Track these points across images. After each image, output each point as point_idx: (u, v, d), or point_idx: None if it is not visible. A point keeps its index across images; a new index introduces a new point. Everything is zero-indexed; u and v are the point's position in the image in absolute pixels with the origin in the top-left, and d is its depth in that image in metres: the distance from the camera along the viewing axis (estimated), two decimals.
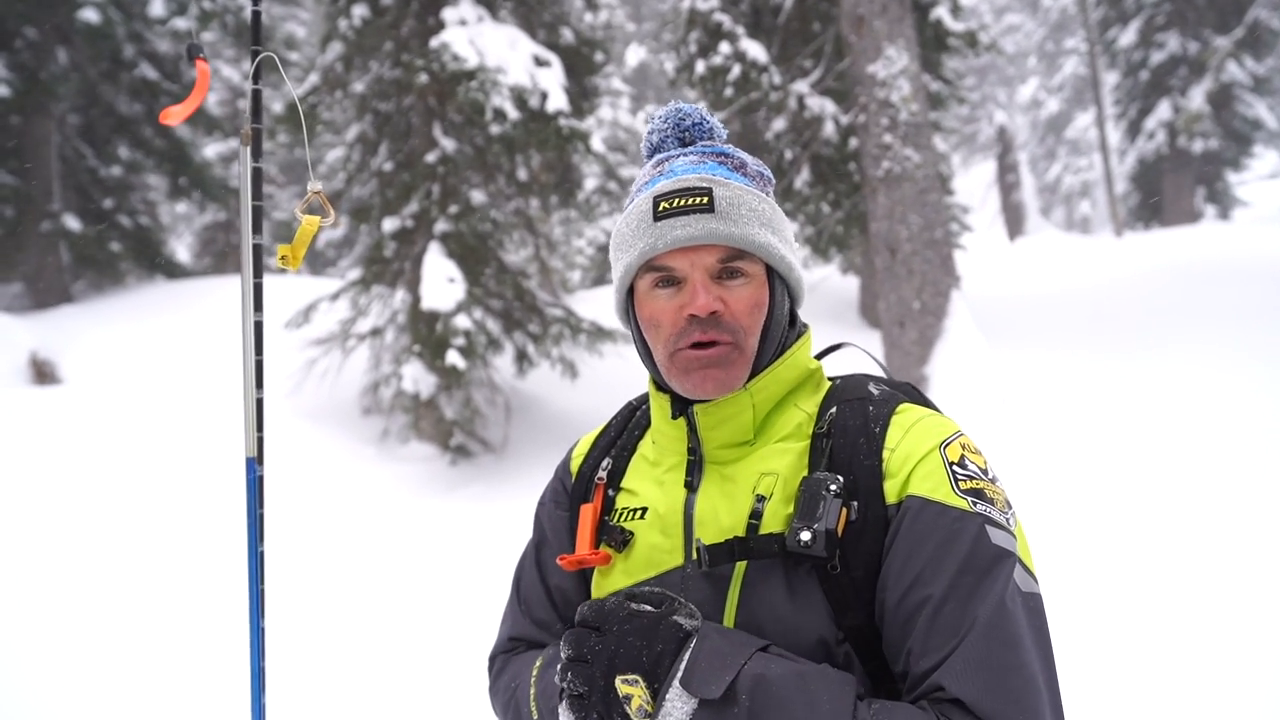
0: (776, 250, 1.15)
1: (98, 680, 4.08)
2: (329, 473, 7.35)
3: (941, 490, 1.04)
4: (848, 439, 1.10)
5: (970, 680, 0.96)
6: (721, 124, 1.28)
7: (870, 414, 1.13)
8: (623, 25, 22.25)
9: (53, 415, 7.30)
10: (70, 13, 10.94)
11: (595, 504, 1.25)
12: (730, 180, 1.16)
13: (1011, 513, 1.07)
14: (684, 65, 9.64)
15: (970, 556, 1.00)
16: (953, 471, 1.05)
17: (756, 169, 1.23)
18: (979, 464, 1.09)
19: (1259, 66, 18.72)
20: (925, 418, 1.13)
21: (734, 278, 1.13)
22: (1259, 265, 10.15)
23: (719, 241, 1.12)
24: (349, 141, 9.70)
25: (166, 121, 1.17)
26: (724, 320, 1.12)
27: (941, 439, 1.09)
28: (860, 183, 8.39)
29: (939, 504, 1.03)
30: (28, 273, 11.65)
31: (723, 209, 1.12)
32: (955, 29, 8.94)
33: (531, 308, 9.02)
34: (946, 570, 1.00)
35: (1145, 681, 3.51)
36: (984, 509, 1.03)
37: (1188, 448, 5.77)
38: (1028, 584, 1.02)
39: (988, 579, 0.99)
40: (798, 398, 1.19)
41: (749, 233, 1.13)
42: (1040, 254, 15.73)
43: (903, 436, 1.09)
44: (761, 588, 1.07)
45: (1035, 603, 1.02)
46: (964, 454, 1.08)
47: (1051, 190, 35.92)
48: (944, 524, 1.02)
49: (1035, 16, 37.63)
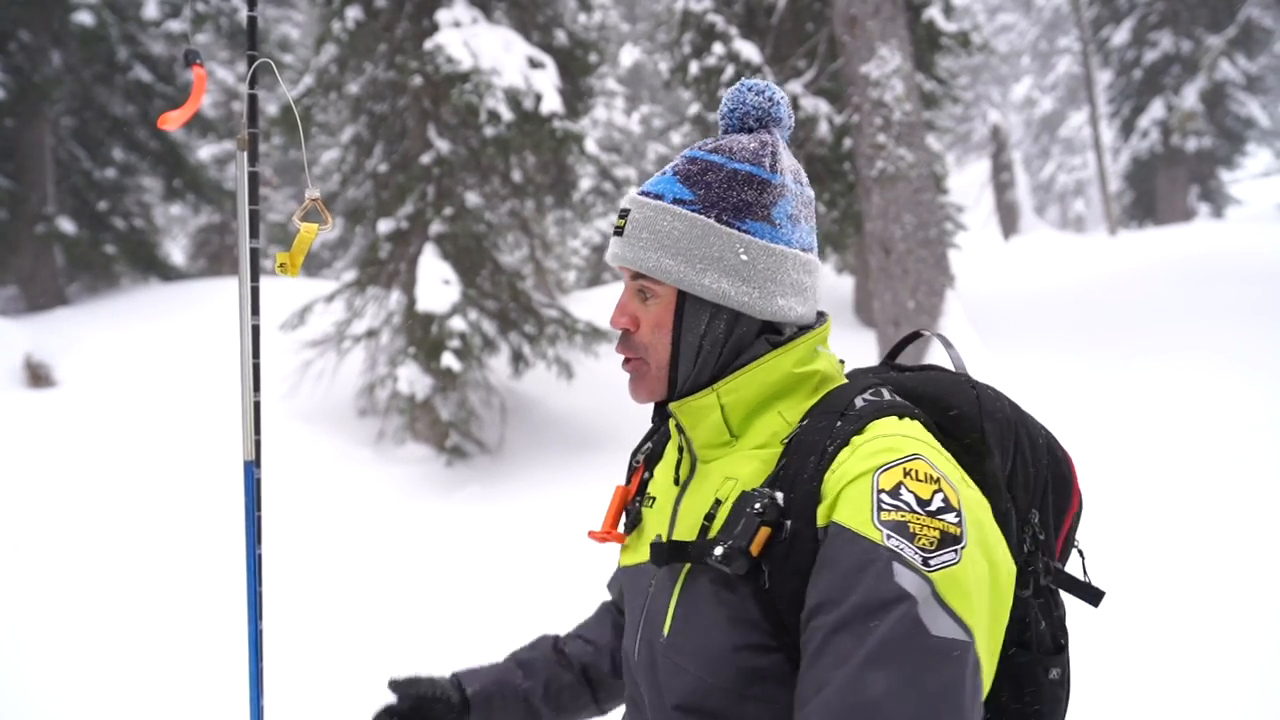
0: (673, 271, 1.14)
1: (97, 682, 4.09)
2: (325, 474, 7.34)
3: (859, 519, 0.99)
4: (800, 456, 1.08)
5: None
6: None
7: (835, 430, 1.08)
8: (617, 26, 22.27)
9: (48, 418, 7.29)
10: (64, 15, 10.93)
11: (631, 485, 1.35)
12: (658, 201, 1.17)
13: (943, 552, 0.97)
14: (678, 66, 9.65)
15: (867, 593, 0.94)
16: (879, 499, 0.99)
17: (731, 168, 1.17)
18: (920, 494, 1.00)
19: (1252, 65, 18.79)
20: (880, 438, 1.06)
21: (648, 297, 1.19)
22: (1252, 263, 10.18)
23: (621, 264, 1.19)
24: (344, 143, 9.70)
25: (164, 127, 1.18)
26: (632, 339, 1.21)
27: (881, 463, 1.02)
28: (854, 182, 8.42)
29: (852, 532, 0.99)
30: (22, 275, 11.63)
31: (629, 232, 1.18)
32: (948, 29, 8.97)
33: (527, 309, 9.03)
34: (842, 604, 0.96)
35: (1144, 683, 3.53)
36: (897, 544, 0.96)
37: (1182, 446, 5.79)
38: (943, 628, 0.93)
39: (875, 619, 0.93)
40: (783, 404, 1.17)
41: (642, 256, 1.16)
42: (1034, 253, 15.76)
43: (849, 457, 1.05)
44: (697, 591, 1.11)
45: (940, 649, 0.92)
46: (902, 482, 1.00)
47: (1046, 189, 35.99)
48: (852, 554, 0.97)
49: (1028, 16, 37.71)
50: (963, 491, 1.04)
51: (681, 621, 1.13)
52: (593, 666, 1.50)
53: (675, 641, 1.13)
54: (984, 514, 1.05)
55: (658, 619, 1.17)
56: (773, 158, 1.18)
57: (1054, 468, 1.21)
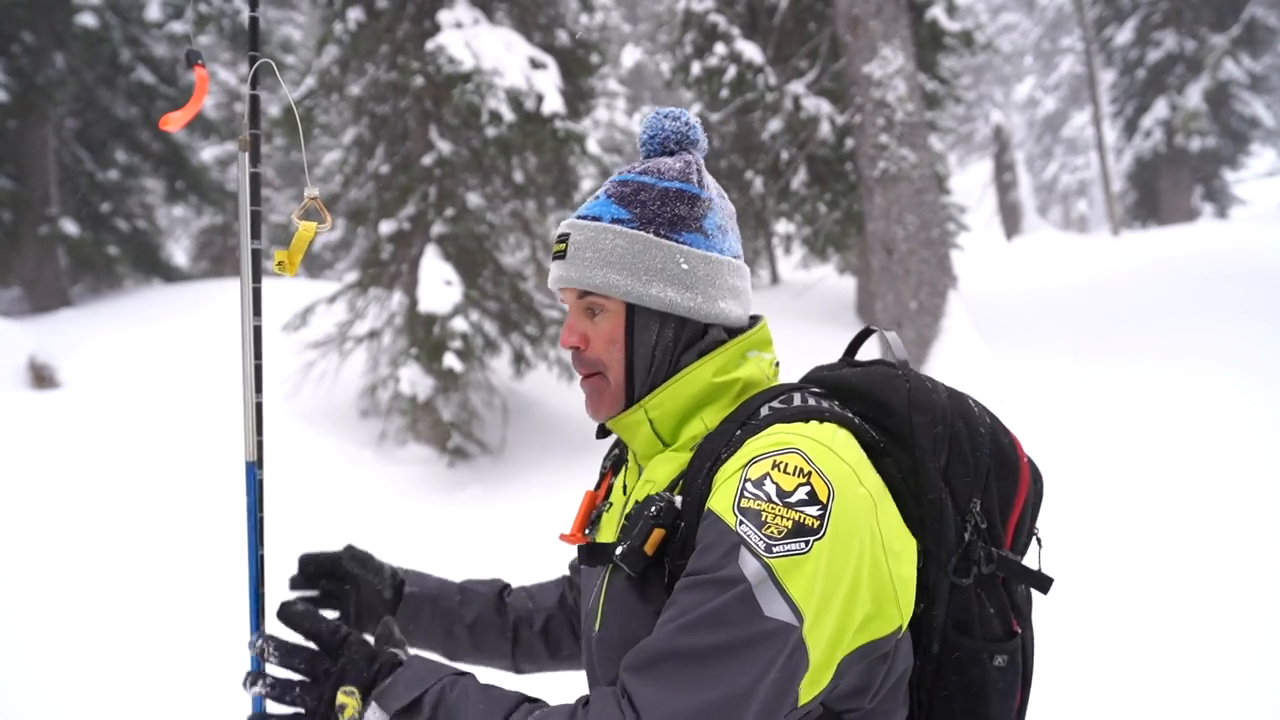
0: (620, 286, 1.21)
1: (99, 683, 4.09)
2: (326, 475, 7.35)
3: (723, 505, 1.06)
4: (699, 460, 1.16)
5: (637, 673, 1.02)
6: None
7: (733, 437, 1.14)
8: (618, 27, 22.27)
9: (51, 419, 7.30)
10: (67, 17, 10.94)
11: (598, 490, 1.42)
12: (597, 223, 1.23)
13: (791, 541, 1.01)
14: (680, 66, 9.65)
15: (713, 570, 1.02)
16: (743, 488, 1.05)
17: (662, 187, 1.24)
18: (782, 485, 1.04)
19: (1256, 64, 18.73)
20: (766, 436, 1.11)
21: (595, 314, 1.26)
22: (1256, 264, 10.16)
23: (566, 285, 1.26)
24: (345, 144, 9.71)
25: (166, 128, 1.18)
26: (585, 355, 1.27)
27: (754, 455, 1.08)
28: (856, 183, 8.41)
29: (715, 516, 1.06)
30: (25, 277, 11.65)
31: (572, 254, 1.24)
32: (951, 28, 8.96)
33: (528, 309, 9.03)
34: (693, 574, 1.04)
35: (1143, 685, 3.52)
36: (746, 530, 1.02)
37: (1184, 446, 5.77)
38: (776, 610, 0.99)
39: (712, 593, 1.01)
40: (705, 411, 1.23)
41: (588, 274, 1.22)
42: (1037, 253, 15.75)
43: (736, 454, 1.11)
44: (619, 588, 1.18)
45: (763, 628, 0.99)
46: (768, 473, 1.05)
47: (1048, 189, 35.96)
48: (710, 535, 1.05)
49: (1031, 15, 37.69)
50: (847, 488, 1.06)
51: (609, 616, 1.20)
52: (524, 623, 1.58)
53: (604, 636, 1.20)
54: (870, 512, 1.08)
55: (592, 617, 1.25)
56: (699, 175, 1.27)
57: (998, 456, 1.24)
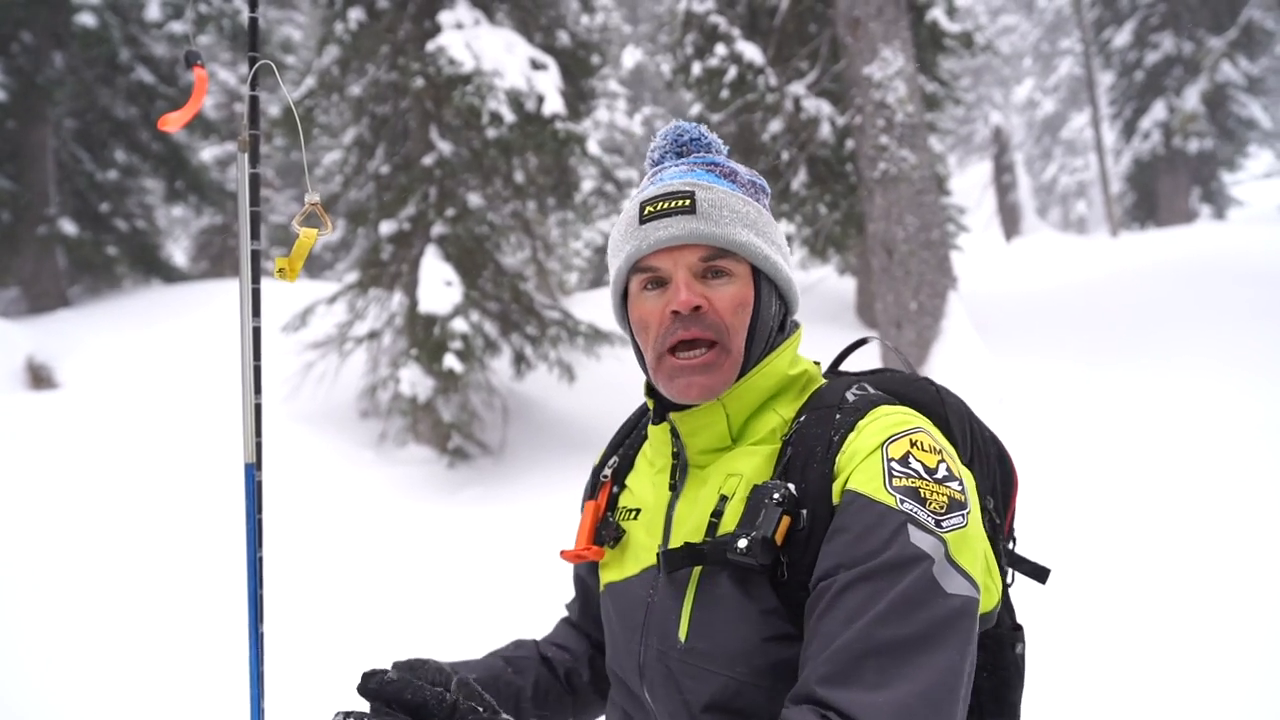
0: (760, 250, 1.18)
1: (98, 683, 4.08)
2: (326, 476, 7.34)
3: (873, 485, 1.03)
4: (805, 446, 1.11)
5: (836, 684, 0.94)
6: (719, 125, 1.33)
7: (835, 421, 1.11)
8: (619, 27, 22.27)
9: (50, 420, 7.29)
10: (67, 17, 10.94)
11: (599, 501, 1.34)
12: (716, 185, 1.20)
13: (952, 515, 1.02)
14: (680, 67, 9.64)
15: (882, 553, 0.98)
16: (889, 468, 1.03)
17: (749, 178, 1.25)
18: (926, 463, 1.05)
19: (1253, 67, 18.77)
20: (884, 416, 1.11)
21: (718, 277, 1.17)
22: (1254, 265, 10.16)
23: (699, 240, 1.15)
24: (346, 145, 9.71)
25: (165, 128, 1.17)
26: (707, 317, 1.14)
27: (888, 435, 1.07)
28: (857, 184, 8.41)
29: (866, 498, 1.02)
30: (24, 277, 11.65)
31: (704, 210, 1.16)
32: (951, 30, 8.96)
33: (529, 310, 9.03)
34: (858, 565, 0.99)
35: (1144, 683, 3.52)
36: (911, 508, 1.01)
37: (1183, 446, 5.77)
38: (956, 586, 0.98)
39: (892, 578, 0.97)
40: (777, 403, 1.20)
41: (729, 232, 1.16)
42: (1036, 254, 15.74)
43: (856, 437, 1.08)
44: (715, 591, 1.11)
45: (952, 605, 0.97)
46: (910, 451, 1.05)
47: (1047, 190, 35.96)
48: (866, 518, 1.01)
49: (1030, 17, 37.71)
50: (962, 466, 1.11)
51: (701, 624, 1.12)
52: (575, 674, 1.50)
53: (695, 645, 1.12)
54: (975, 489, 1.12)
55: (669, 627, 1.15)
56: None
57: (1001, 457, 1.28)
